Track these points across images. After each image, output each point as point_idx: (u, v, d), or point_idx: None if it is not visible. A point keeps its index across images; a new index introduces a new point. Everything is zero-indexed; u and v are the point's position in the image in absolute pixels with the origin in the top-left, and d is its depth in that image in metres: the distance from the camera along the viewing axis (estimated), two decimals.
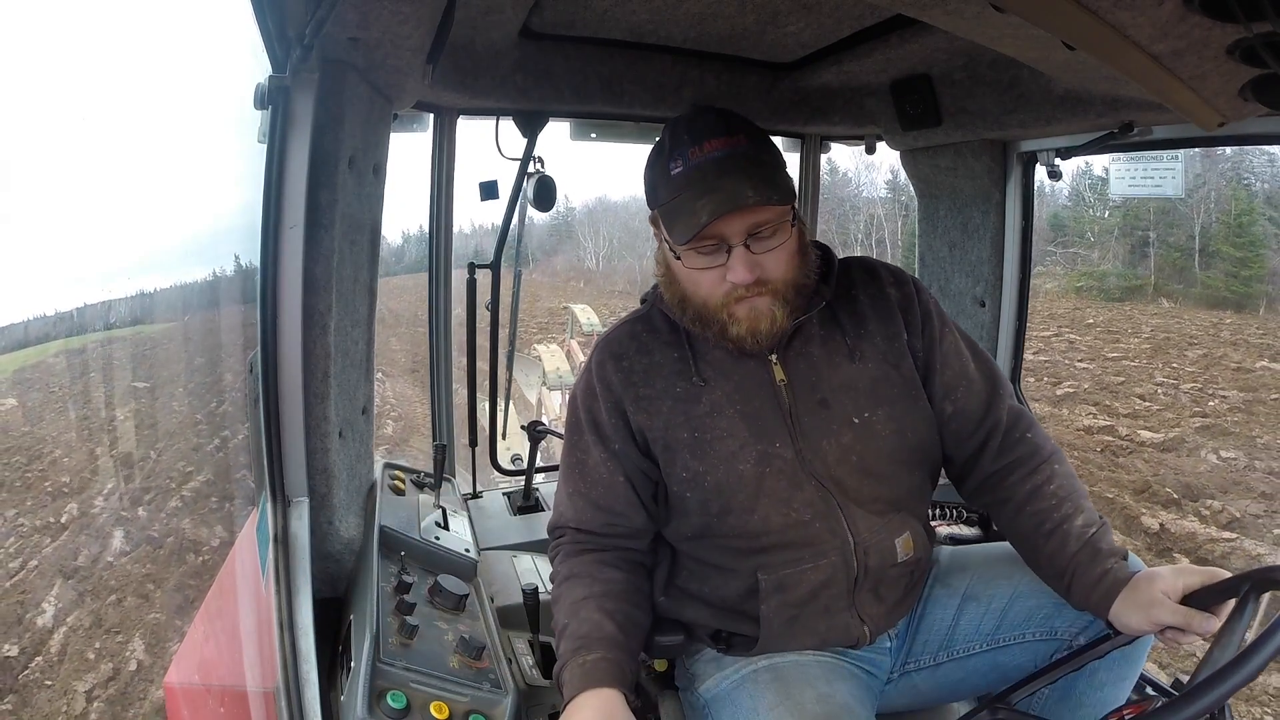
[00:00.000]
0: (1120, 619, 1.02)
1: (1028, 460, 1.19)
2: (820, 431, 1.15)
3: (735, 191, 1.04)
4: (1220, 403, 12.82)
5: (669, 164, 1.09)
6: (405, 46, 1.15)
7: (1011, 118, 1.64)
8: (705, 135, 1.07)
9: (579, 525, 1.21)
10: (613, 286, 39.97)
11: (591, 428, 1.21)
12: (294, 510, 1.20)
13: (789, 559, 1.14)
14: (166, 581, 7.55)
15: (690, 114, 1.13)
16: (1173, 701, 0.81)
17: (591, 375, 1.23)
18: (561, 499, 1.25)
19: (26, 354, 21.38)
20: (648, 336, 1.23)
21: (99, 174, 45.86)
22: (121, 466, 11.26)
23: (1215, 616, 0.95)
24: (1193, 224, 24.67)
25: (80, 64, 53.81)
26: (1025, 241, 1.98)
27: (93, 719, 5.50)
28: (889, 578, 1.18)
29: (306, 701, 1.02)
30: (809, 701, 1.08)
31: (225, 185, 19.05)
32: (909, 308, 1.22)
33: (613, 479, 1.19)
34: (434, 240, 1.96)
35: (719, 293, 1.11)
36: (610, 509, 1.20)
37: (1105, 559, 1.08)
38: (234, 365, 11.91)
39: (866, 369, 1.17)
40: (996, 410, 1.21)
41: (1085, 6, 0.75)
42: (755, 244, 1.08)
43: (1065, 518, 1.13)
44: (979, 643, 1.20)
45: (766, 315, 1.10)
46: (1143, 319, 20.92)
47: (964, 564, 1.28)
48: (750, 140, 1.09)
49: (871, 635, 1.19)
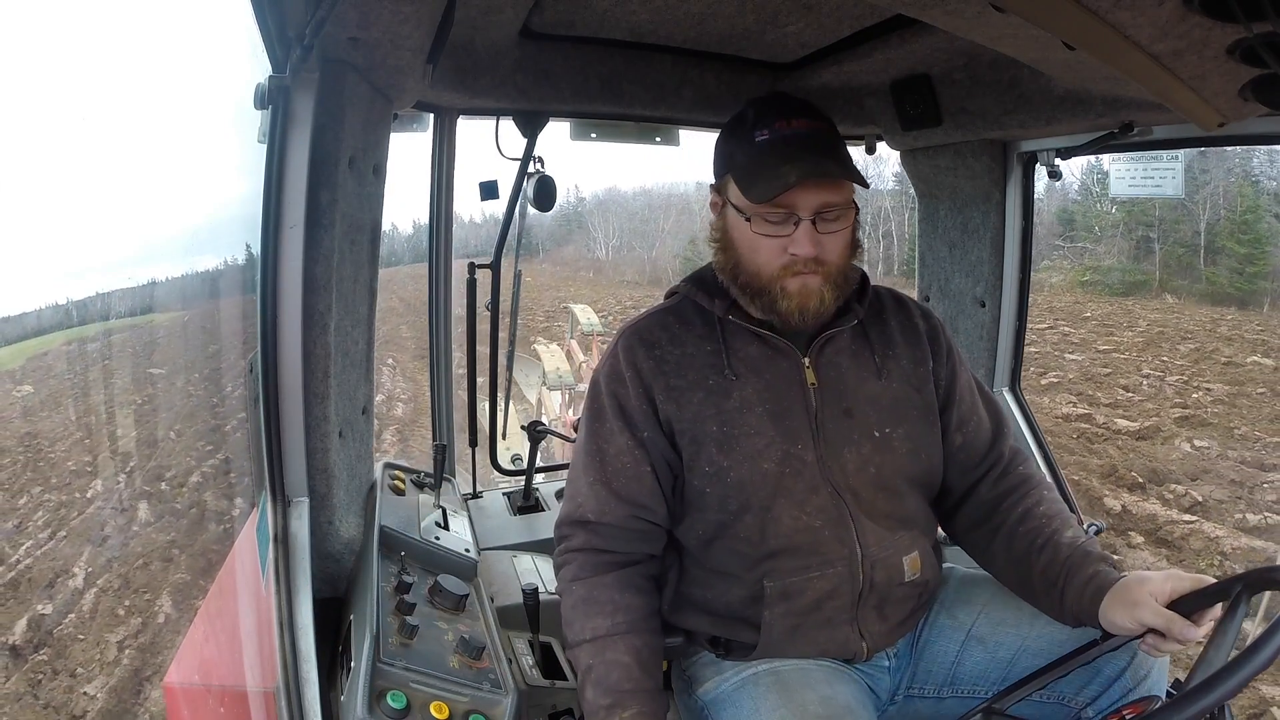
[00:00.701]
0: (1107, 617, 1.04)
1: (1019, 488, 1.24)
2: (842, 440, 1.16)
3: (822, 164, 1.08)
4: (1204, 395, 12.94)
5: (754, 132, 1.12)
6: (405, 46, 1.15)
7: (1011, 118, 1.64)
8: (793, 113, 1.11)
9: (599, 518, 1.17)
10: (622, 276, 40.28)
11: (617, 414, 1.19)
12: (294, 510, 1.20)
13: (796, 566, 1.14)
14: (191, 547, 8.02)
15: (772, 95, 1.22)
16: (1173, 701, 0.80)
17: (619, 360, 1.21)
18: (580, 489, 1.21)
19: (39, 342, 21.75)
20: (679, 328, 1.22)
21: (98, 174, 45.90)
22: (144, 446, 11.85)
23: (1195, 625, 0.96)
24: (1198, 220, 24.63)
25: (80, 64, 53.81)
26: (1025, 241, 1.98)
27: (125, 664, 5.96)
28: (895, 596, 1.18)
29: (306, 701, 1.02)
30: (811, 703, 1.08)
31: (226, 184, 19.12)
32: (935, 340, 1.27)
33: (638, 468, 1.17)
34: (434, 240, 1.96)
35: (776, 263, 1.12)
36: (633, 500, 1.17)
37: (1095, 562, 1.10)
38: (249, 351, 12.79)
39: (891, 387, 1.20)
40: (1000, 447, 1.27)
41: (1085, 6, 0.75)
42: (821, 222, 1.10)
43: (1055, 531, 1.16)
44: (984, 689, 1.20)
45: (816, 294, 1.12)
46: (1142, 314, 21.00)
47: (971, 596, 1.27)
48: (831, 128, 1.14)
49: (869, 652, 1.19)
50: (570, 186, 59.06)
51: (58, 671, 5.95)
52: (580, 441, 1.24)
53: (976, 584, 1.30)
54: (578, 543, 1.19)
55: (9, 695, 5.60)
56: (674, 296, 1.29)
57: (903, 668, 1.26)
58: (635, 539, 1.19)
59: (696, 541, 1.20)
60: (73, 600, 7.09)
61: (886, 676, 1.24)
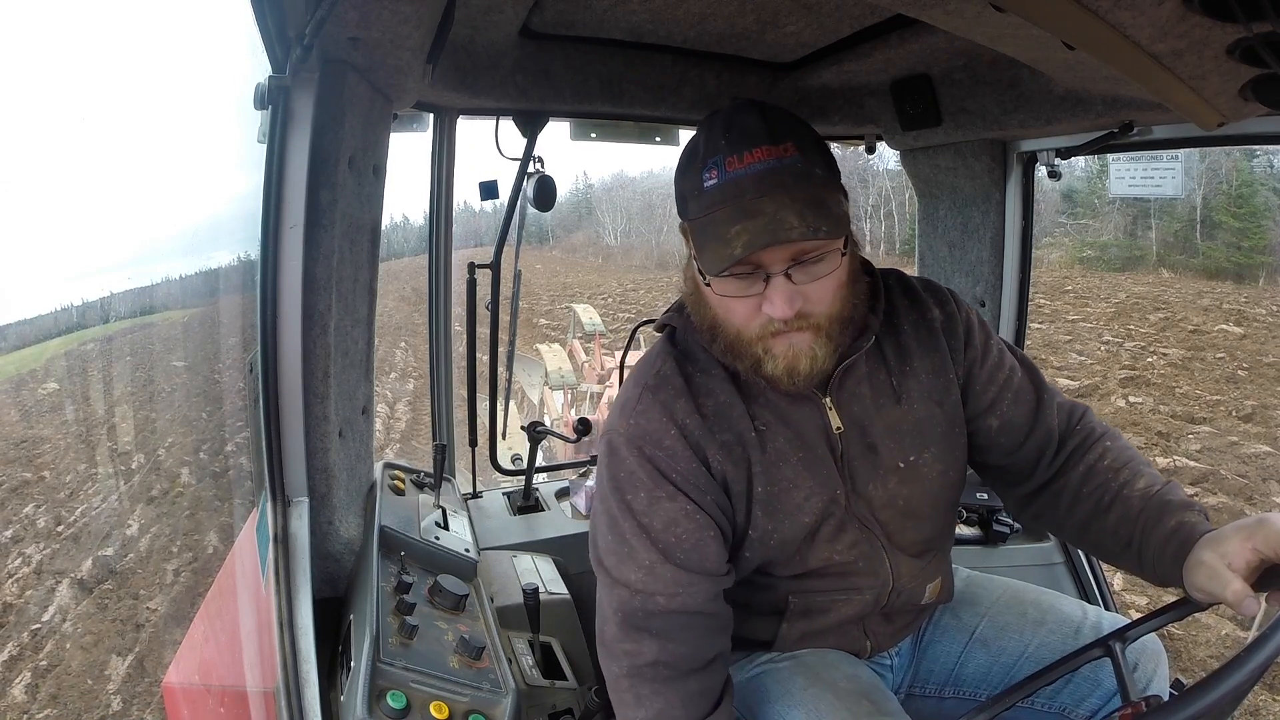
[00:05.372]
0: (1193, 583, 0.88)
1: (1077, 449, 1.10)
2: (867, 476, 1.08)
3: (777, 219, 0.88)
4: (1158, 359, 13.30)
5: (702, 173, 0.94)
6: (405, 46, 1.15)
7: (1011, 118, 1.63)
8: (746, 142, 0.92)
9: (674, 606, 0.99)
10: (630, 261, 41.01)
11: (660, 480, 1.01)
12: (294, 510, 1.20)
13: (825, 588, 1.12)
14: (232, 498, 9.29)
15: (730, 112, 0.96)
16: (1165, 705, 0.80)
17: (653, 418, 1.03)
18: (633, 576, 1.00)
19: (60, 342, 22.24)
20: (701, 376, 1.06)
21: (98, 174, 45.89)
22: (177, 425, 13.26)
23: (1258, 600, 0.84)
24: (1195, 194, 24.58)
25: (80, 64, 53.77)
26: (1025, 241, 1.98)
27: (181, 584, 7.69)
28: (906, 610, 1.19)
29: (306, 701, 1.02)
30: (840, 680, 1.08)
31: (226, 184, 19.20)
32: (952, 329, 1.12)
33: (701, 535, 1.00)
34: (434, 240, 1.96)
35: (754, 325, 0.97)
36: (709, 572, 1.01)
37: (1175, 512, 0.95)
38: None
39: (911, 410, 1.09)
40: (1046, 417, 1.12)
41: (1085, 6, 0.74)
42: (798, 273, 0.93)
43: (1124, 484, 1.03)
44: (985, 692, 1.19)
45: (806, 354, 0.97)
46: (1128, 287, 21.17)
47: (977, 597, 1.26)
48: (799, 150, 0.93)
49: (872, 650, 1.20)
50: (579, 173, 59.64)
51: (122, 596, 7.62)
52: (610, 517, 1.03)
53: (983, 585, 1.30)
54: (648, 656, 0.98)
55: (81, 614, 7.32)
56: (668, 332, 1.13)
57: (905, 666, 1.26)
58: (712, 631, 1.02)
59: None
60: (129, 544, 8.77)
61: (889, 674, 1.25)
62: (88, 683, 6.23)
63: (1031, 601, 1.22)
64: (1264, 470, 8.35)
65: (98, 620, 7.14)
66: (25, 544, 9.20)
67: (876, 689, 1.08)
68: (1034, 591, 1.25)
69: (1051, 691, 1.11)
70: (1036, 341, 14.58)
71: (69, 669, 6.45)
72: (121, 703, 5.92)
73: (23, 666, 6.57)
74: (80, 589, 7.73)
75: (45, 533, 9.49)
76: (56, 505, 10.34)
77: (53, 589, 7.86)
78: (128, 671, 6.30)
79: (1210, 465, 8.48)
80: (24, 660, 6.69)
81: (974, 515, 1.93)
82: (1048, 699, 1.13)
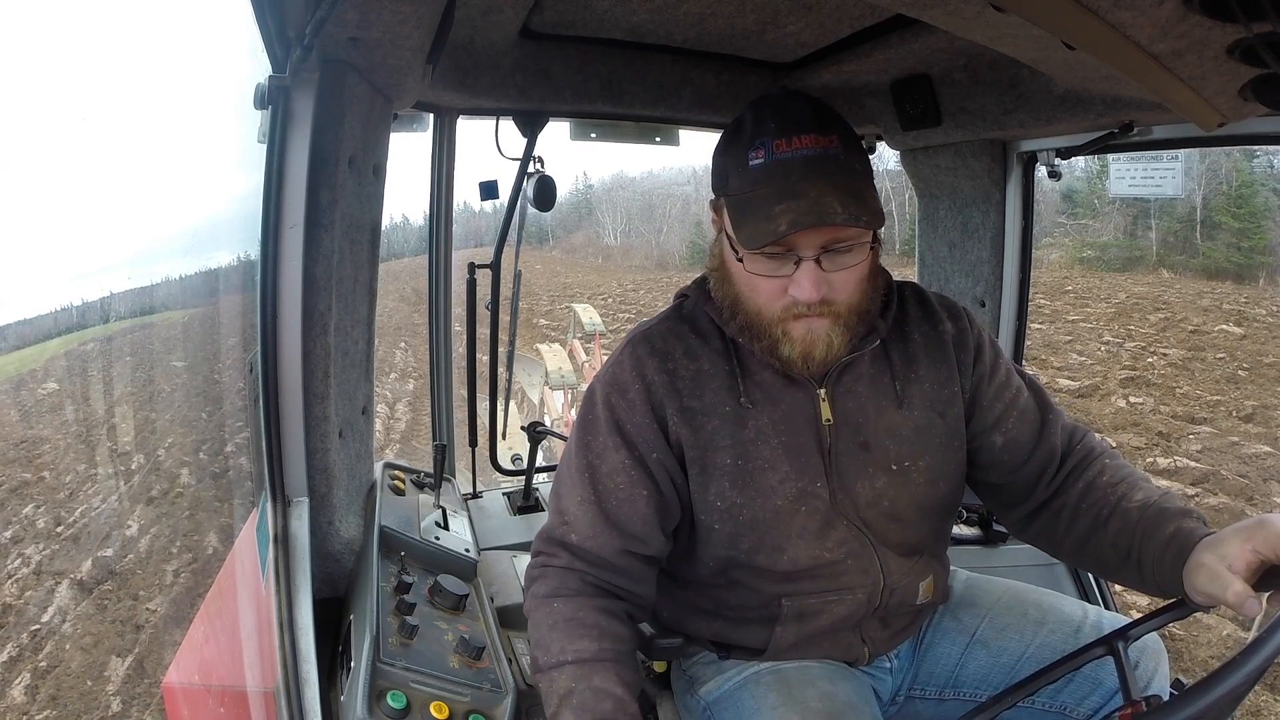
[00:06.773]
0: (1194, 586, 0.89)
1: (1079, 467, 1.12)
2: (856, 474, 1.08)
3: (822, 203, 0.91)
4: (1158, 359, 13.17)
5: (748, 151, 0.96)
6: (405, 46, 1.15)
7: (1011, 118, 1.63)
8: (796, 128, 0.95)
9: (585, 544, 1.05)
10: (630, 261, 40.99)
11: (614, 428, 1.07)
12: (294, 510, 1.20)
13: (816, 589, 1.12)
14: (232, 499, 9.25)
15: (779, 98, 0.99)
16: (1166, 704, 0.79)
17: (625, 369, 1.08)
18: (568, 505, 1.08)
19: (60, 342, 22.22)
20: (695, 341, 1.10)
21: (98, 174, 45.95)
22: (177, 425, 13.11)
23: (1259, 601, 0.83)
24: (1195, 195, 24.57)
25: (80, 64, 53.84)
26: (1025, 241, 1.98)
27: (180, 584, 7.52)
28: (902, 612, 1.18)
29: (306, 701, 1.01)
30: (812, 699, 1.08)
31: (226, 184, 19.22)
32: (963, 344, 1.14)
33: (633, 491, 1.05)
34: (434, 240, 1.96)
35: (777, 306, 1.00)
36: (626, 529, 1.05)
37: (1173, 519, 0.96)
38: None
39: (912, 416, 1.10)
40: (1051, 437, 1.14)
41: (1085, 6, 0.74)
42: (828, 260, 0.96)
43: (1122, 497, 1.04)
44: (986, 691, 1.18)
45: (823, 340, 1.00)
46: (1128, 287, 21.13)
47: (976, 599, 1.26)
48: (844, 144, 0.96)
49: (871, 656, 1.19)
50: (579, 173, 59.74)
51: (122, 597, 7.52)
52: (570, 451, 1.12)
53: (982, 587, 1.29)
54: (561, 562, 1.07)
55: (81, 615, 7.25)
56: (683, 300, 1.17)
57: (904, 669, 1.26)
58: (623, 577, 1.07)
59: (706, 573, 1.14)
60: (129, 545, 8.67)
61: (889, 678, 1.24)
62: (87, 684, 6.27)
63: (1032, 602, 1.22)
64: (1264, 470, 8.34)
65: (97, 621, 7.19)
66: (25, 544, 9.21)
67: (850, 709, 1.07)
68: (1034, 592, 1.25)
69: (1053, 690, 1.11)
70: (1036, 342, 14.57)
71: (68, 670, 6.48)
72: (121, 704, 5.95)
73: (22, 667, 6.59)
74: (80, 590, 7.77)
75: (45, 533, 9.51)
76: (56, 506, 10.37)
77: (52, 590, 7.88)
78: (127, 672, 6.33)
79: (1211, 465, 8.47)
80: (23, 661, 6.71)
81: (974, 515, 1.93)
82: (1049, 698, 1.13)
